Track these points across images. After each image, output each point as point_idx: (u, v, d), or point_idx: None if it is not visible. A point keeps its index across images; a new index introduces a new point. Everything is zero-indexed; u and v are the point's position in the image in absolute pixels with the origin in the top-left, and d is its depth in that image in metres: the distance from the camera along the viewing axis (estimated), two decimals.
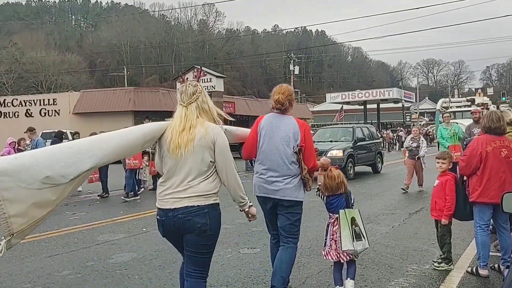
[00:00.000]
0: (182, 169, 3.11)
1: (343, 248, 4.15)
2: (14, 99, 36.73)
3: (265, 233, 7.13)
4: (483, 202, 4.76)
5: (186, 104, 3.22)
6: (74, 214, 9.70)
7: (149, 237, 7.20)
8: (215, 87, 27.58)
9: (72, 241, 7.14)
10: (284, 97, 4.13)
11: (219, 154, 3.16)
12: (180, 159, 3.10)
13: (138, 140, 3.22)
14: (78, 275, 5.33)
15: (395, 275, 5.02)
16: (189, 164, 3.10)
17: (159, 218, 3.28)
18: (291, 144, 4.04)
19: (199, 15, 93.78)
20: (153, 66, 76.20)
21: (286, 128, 4.09)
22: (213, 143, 3.13)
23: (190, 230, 3.12)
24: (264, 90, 79.11)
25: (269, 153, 4.10)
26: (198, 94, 3.26)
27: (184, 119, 3.16)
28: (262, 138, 4.14)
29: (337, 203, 4.33)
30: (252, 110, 42.15)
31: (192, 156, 3.09)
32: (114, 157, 3.17)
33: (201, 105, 3.24)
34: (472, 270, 4.95)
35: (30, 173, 2.74)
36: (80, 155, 2.96)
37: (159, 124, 3.30)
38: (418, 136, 11.89)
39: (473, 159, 4.77)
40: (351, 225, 4.18)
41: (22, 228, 2.80)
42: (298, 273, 5.15)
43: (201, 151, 3.10)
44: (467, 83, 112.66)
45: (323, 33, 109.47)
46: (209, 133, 3.13)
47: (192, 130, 3.11)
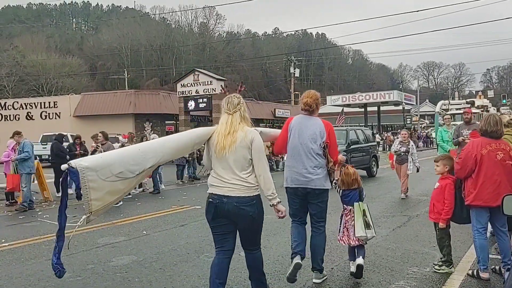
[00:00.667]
0: (229, 167, 3.79)
1: (357, 235, 4.87)
2: (15, 102, 36.79)
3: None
4: (478, 205, 4.75)
5: (232, 112, 3.89)
6: (74, 217, 9.68)
7: (149, 240, 7.20)
8: (216, 90, 27.55)
9: (72, 244, 7.12)
10: (312, 100, 4.80)
11: (255, 153, 3.82)
12: (226, 158, 3.77)
13: (189, 143, 3.98)
14: (78, 278, 5.32)
15: (396, 277, 5.01)
16: (234, 161, 3.77)
17: (212, 201, 3.88)
18: (318, 141, 4.68)
19: (199, 18, 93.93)
20: (154, 69, 76.24)
21: (313, 127, 4.73)
22: (250, 143, 3.79)
23: (243, 217, 3.82)
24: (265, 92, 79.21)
25: (298, 149, 4.70)
26: (241, 104, 3.93)
27: (229, 124, 3.83)
28: (292, 136, 4.76)
29: (351, 197, 5.00)
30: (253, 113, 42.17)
31: (235, 155, 3.76)
32: (169, 157, 3.98)
33: (243, 114, 3.92)
34: (473, 273, 4.94)
35: (109, 169, 3.57)
36: (145, 155, 3.73)
37: (206, 129, 4.01)
38: (407, 140, 11.06)
39: (468, 161, 4.75)
40: (363, 216, 4.89)
41: (97, 209, 3.64)
42: (298, 276, 5.14)
43: (242, 151, 3.78)
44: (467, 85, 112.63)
45: (323, 36, 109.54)
46: (248, 135, 3.80)
47: (234, 134, 3.79)
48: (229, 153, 3.75)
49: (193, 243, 6.79)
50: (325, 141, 4.68)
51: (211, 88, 27.61)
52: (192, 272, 5.41)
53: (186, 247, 6.59)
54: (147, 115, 32.98)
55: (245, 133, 3.80)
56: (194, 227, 8.15)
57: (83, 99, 35.02)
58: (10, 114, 35.80)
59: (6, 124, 34.58)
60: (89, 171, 3.51)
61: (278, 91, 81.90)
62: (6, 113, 35.94)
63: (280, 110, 46.42)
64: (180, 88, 28.72)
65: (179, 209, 10.18)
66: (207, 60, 79.23)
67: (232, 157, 3.76)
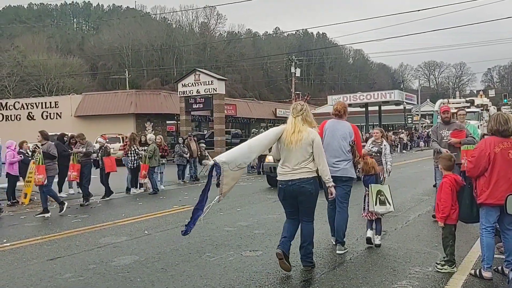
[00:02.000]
0: (294, 157, 5.08)
1: (370, 209, 6.26)
2: (16, 102, 36.85)
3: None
4: (491, 204, 4.75)
5: (295, 116, 5.18)
6: (76, 216, 9.70)
7: (151, 239, 7.20)
8: (217, 90, 27.55)
9: (74, 244, 7.13)
10: (340, 107, 6.20)
11: (316, 149, 5.10)
12: (292, 150, 5.07)
13: (273, 140, 5.24)
14: (80, 278, 5.32)
15: (398, 277, 5.00)
16: (298, 153, 5.06)
17: (281, 186, 5.18)
18: (347, 139, 6.00)
19: (200, 17, 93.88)
20: (155, 68, 76.24)
21: (343, 129, 6.08)
22: (312, 141, 5.08)
23: (303, 193, 5.07)
24: (266, 92, 79.21)
25: (332, 146, 5.96)
26: (303, 110, 5.20)
27: (294, 125, 5.14)
28: (326, 136, 6.01)
29: (370, 180, 6.38)
30: (254, 113, 42.21)
31: (300, 149, 5.05)
32: (262, 152, 5.61)
33: (305, 117, 5.18)
34: (476, 273, 4.93)
35: (235, 162, 4.88)
36: (251, 150, 5.15)
37: (280, 128, 5.28)
38: (380, 139, 9.99)
39: (482, 160, 4.75)
40: (376, 195, 6.20)
41: (225, 191, 4.87)
42: (300, 276, 5.14)
43: (305, 146, 5.06)
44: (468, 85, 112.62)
45: (324, 36, 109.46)
46: (310, 135, 5.10)
47: (299, 133, 5.08)
48: (296, 147, 5.04)
49: (195, 243, 6.79)
50: (353, 140, 6.02)
51: (212, 88, 27.61)
52: (194, 272, 5.41)
53: (188, 247, 6.59)
54: (148, 115, 33.01)
55: (308, 133, 5.10)
56: (195, 227, 8.11)
57: (84, 99, 35.06)
58: (11, 114, 35.85)
59: (7, 124, 34.64)
60: (224, 164, 4.79)
61: (279, 91, 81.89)
62: (7, 113, 35.99)
63: (281, 110, 46.43)
64: (181, 88, 28.73)
65: (181, 209, 10.18)
66: (208, 60, 79.24)
67: (297, 149, 5.05)
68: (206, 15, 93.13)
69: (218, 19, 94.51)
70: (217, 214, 9.40)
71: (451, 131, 7.85)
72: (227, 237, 7.19)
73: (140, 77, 74.47)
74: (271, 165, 13.47)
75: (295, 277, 5.10)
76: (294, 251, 6.25)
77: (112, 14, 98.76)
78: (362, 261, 5.65)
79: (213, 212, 9.59)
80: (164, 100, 33.73)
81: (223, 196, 4.92)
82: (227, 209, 9.89)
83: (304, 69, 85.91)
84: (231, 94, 54.23)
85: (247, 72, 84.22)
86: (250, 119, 42.08)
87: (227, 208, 10.09)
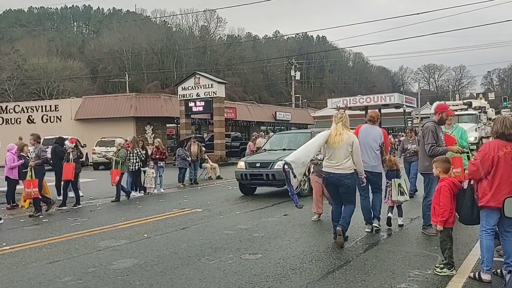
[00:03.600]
0: (338, 155, 6.49)
1: (393, 199, 7.67)
2: (16, 106, 36.85)
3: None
4: (493, 207, 4.75)
5: (337, 122, 6.58)
6: (75, 220, 9.70)
7: (150, 243, 7.20)
8: (217, 93, 27.58)
9: (74, 247, 7.13)
10: (374, 115, 7.69)
11: (355, 149, 6.51)
12: (336, 149, 6.49)
13: (323, 142, 6.63)
14: (80, 281, 5.32)
15: (397, 280, 5.00)
16: (341, 152, 6.47)
17: (327, 176, 6.70)
18: (378, 141, 7.36)
19: (200, 21, 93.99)
20: (155, 72, 76.31)
21: (375, 132, 7.47)
22: (352, 142, 6.49)
23: (342, 185, 6.56)
24: (265, 95, 79.30)
25: (365, 146, 7.20)
26: (343, 118, 6.59)
27: (336, 129, 6.53)
28: (360, 138, 7.14)
29: (391, 175, 7.68)
30: (254, 116, 42.22)
31: (341, 149, 6.45)
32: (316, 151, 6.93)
33: (344, 123, 6.58)
34: (475, 276, 4.93)
35: (300, 161, 6.55)
36: (309, 149, 6.73)
37: (327, 132, 6.64)
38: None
39: (485, 163, 4.75)
40: (397, 187, 7.61)
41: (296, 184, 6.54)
42: (299, 279, 5.14)
43: (346, 146, 6.45)
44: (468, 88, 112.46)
45: (324, 39, 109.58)
46: (350, 137, 6.52)
47: (341, 135, 6.46)
48: (338, 146, 6.42)
49: (194, 246, 6.79)
50: (382, 142, 7.39)
51: (211, 91, 27.65)
52: (193, 275, 5.41)
53: (187, 250, 6.59)
54: (148, 118, 33.03)
55: (349, 136, 6.51)
56: (195, 230, 8.14)
57: (84, 103, 35.08)
58: (12, 118, 35.85)
59: (7, 127, 34.63)
60: (292, 163, 6.45)
61: (279, 94, 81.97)
62: (8, 117, 35.99)
63: (281, 113, 46.43)
64: (181, 91, 28.77)
65: (180, 212, 10.18)
66: (208, 63, 79.31)
67: (339, 148, 6.44)
68: (206, 18, 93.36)
69: (218, 22, 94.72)
70: (217, 217, 9.40)
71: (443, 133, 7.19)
72: (227, 240, 7.19)
73: (140, 80, 74.55)
74: (242, 172, 12.68)
75: (295, 280, 5.10)
76: (295, 254, 6.25)
77: (112, 17, 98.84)
78: (361, 264, 5.65)
79: (212, 216, 9.60)
80: (164, 104, 33.75)
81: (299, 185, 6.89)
82: (227, 212, 9.88)
83: (304, 72, 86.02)
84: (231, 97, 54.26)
85: (247, 75, 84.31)
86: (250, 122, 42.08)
87: (227, 211, 10.09)
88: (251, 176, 12.52)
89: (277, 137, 15.07)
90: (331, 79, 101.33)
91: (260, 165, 12.34)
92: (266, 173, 12.07)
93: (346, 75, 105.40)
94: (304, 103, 72.56)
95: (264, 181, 12.27)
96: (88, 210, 11.12)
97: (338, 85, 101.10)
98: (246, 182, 12.77)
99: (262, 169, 12.21)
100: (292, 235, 7.47)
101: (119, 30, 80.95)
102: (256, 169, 12.37)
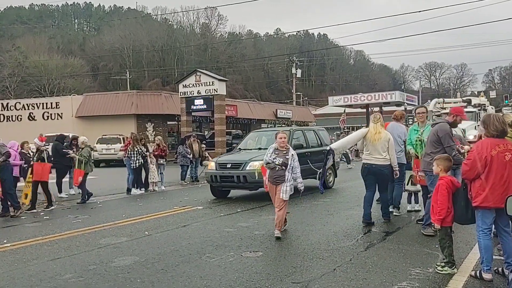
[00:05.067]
0: (377, 150, 7.67)
1: (406, 188, 8.78)
2: (17, 103, 36.88)
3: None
4: (487, 207, 4.73)
5: (376, 122, 7.82)
6: (76, 217, 9.70)
7: (151, 240, 7.20)
8: (217, 91, 27.53)
9: (75, 244, 7.13)
10: (399, 114, 9.16)
11: (390, 145, 7.73)
12: (375, 145, 7.66)
13: (360, 138, 7.97)
14: (80, 279, 5.32)
15: (399, 278, 4.99)
16: (379, 147, 7.66)
17: (367, 166, 7.79)
18: (402, 137, 8.48)
19: (201, 18, 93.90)
20: (156, 69, 76.28)
21: (400, 129, 8.66)
22: (388, 139, 7.74)
23: (381, 175, 7.76)
24: (266, 93, 79.19)
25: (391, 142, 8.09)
26: (380, 119, 7.91)
27: (375, 128, 7.74)
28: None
29: (407, 166, 8.53)
30: (255, 113, 42.16)
31: (380, 144, 7.65)
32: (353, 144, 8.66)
33: (381, 123, 7.85)
34: (476, 274, 4.92)
35: (338, 150, 8.35)
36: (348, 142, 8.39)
37: (364, 130, 8.02)
38: (285, 147, 7.34)
39: (478, 163, 4.71)
40: (409, 178, 8.56)
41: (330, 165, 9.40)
42: (301, 277, 5.14)
43: (384, 142, 7.67)
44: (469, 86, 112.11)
45: (325, 37, 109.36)
46: (386, 135, 7.77)
47: (379, 133, 7.70)
48: (378, 143, 7.63)
49: (195, 244, 6.79)
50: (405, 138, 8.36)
51: (212, 88, 27.59)
52: (194, 272, 5.40)
53: (188, 247, 6.58)
54: (149, 116, 33.00)
55: (386, 134, 7.76)
56: (196, 228, 8.14)
57: (85, 100, 35.07)
58: (12, 115, 35.88)
59: (8, 124, 34.66)
60: (335, 150, 7.96)
61: (280, 91, 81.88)
62: (8, 114, 36.02)
63: (282, 111, 46.37)
64: (182, 89, 28.71)
65: (181, 210, 10.18)
66: (209, 61, 79.25)
67: (378, 144, 7.64)
68: (207, 16, 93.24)
69: (219, 20, 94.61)
70: (217, 215, 9.40)
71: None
72: (227, 238, 7.19)
73: (141, 77, 74.53)
74: (212, 173, 11.61)
75: (296, 278, 5.09)
76: (296, 252, 6.25)
77: (113, 15, 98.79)
78: (362, 262, 5.64)
79: (213, 213, 9.60)
80: (165, 101, 33.72)
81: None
82: (227, 210, 9.88)
83: (305, 70, 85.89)
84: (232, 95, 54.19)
85: (248, 73, 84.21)
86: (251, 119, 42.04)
87: (227, 209, 10.09)
88: (221, 178, 11.42)
89: (253, 135, 14.15)
90: (332, 77, 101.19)
91: (231, 166, 11.36)
92: (237, 174, 11.07)
93: (347, 73, 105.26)
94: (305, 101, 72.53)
95: (235, 183, 11.26)
96: (89, 207, 11.12)
97: (339, 83, 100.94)
98: (216, 184, 11.71)
99: (233, 171, 11.24)
100: (293, 233, 7.46)
101: (120, 27, 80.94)
102: (227, 170, 11.34)
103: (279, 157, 7.19)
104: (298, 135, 12.97)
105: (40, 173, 10.77)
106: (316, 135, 13.70)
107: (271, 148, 7.39)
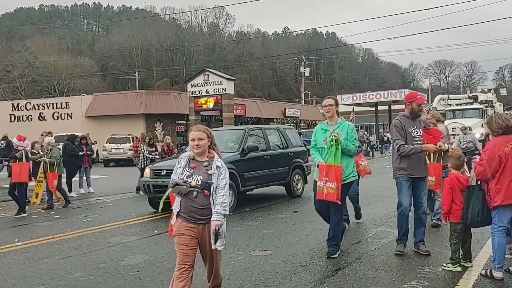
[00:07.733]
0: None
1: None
2: (27, 103, 37.21)
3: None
4: (507, 205, 4.67)
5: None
6: (86, 216, 9.77)
7: (160, 239, 7.23)
8: (226, 90, 27.59)
9: (85, 243, 7.19)
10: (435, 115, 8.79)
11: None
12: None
13: None
14: (91, 277, 5.36)
15: (408, 277, 4.97)
16: None
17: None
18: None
19: (209, 18, 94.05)
20: (164, 69, 76.51)
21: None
22: None
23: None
24: (275, 92, 79.08)
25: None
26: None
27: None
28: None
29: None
30: (263, 112, 42.16)
31: None
32: None
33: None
34: (486, 273, 4.88)
35: None
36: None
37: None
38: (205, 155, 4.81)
39: (492, 162, 4.67)
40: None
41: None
42: (309, 276, 5.13)
43: None
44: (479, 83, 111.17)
45: (333, 35, 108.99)
46: None
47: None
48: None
49: None
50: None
51: (221, 88, 27.65)
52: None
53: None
54: (157, 115, 33.16)
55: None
56: None
57: (95, 100, 35.30)
58: (23, 115, 36.22)
59: (18, 124, 34.99)
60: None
61: (288, 90, 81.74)
62: (19, 114, 36.36)
63: (290, 110, 46.34)
64: (190, 88, 28.81)
65: None
66: (217, 60, 79.34)
67: None
68: (215, 15, 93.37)
69: (227, 19, 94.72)
70: None
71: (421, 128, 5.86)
72: (236, 236, 7.20)
73: (149, 77, 74.80)
74: (145, 182, 9.91)
75: (305, 277, 5.09)
76: (305, 250, 6.24)
77: (122, 15, 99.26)
78: (371, 261, 5.63)
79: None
80: (174, 100, 33.86)
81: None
82: (236, 209, 9.89)
83: (314, 68, 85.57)
84: (240, 94, 54.22)
85: (256, 72, 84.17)
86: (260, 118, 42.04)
87: (236, 207, 10.10)
88: (154, 187, 9.56)
89: None
90: (341, 76, 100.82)
91: (166, 173, 9.20)
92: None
93: (356, 71, 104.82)
94: (313, 100, 72.36)
95: None
96: (99, 206, 11.20)
97: (348, 82, 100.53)
98: (151, 195, 9.86)
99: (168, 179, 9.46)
100: (302, 231, 7.46)
101: (128, 27, 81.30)
102: (161, 178, 9.39)
103: (197, 174, 4.10)
104: (255, 134, 11.22)
105: (18, 174, 10.05)
106: (281, 135, 11.80)
107: (182, 160, 4.24)
